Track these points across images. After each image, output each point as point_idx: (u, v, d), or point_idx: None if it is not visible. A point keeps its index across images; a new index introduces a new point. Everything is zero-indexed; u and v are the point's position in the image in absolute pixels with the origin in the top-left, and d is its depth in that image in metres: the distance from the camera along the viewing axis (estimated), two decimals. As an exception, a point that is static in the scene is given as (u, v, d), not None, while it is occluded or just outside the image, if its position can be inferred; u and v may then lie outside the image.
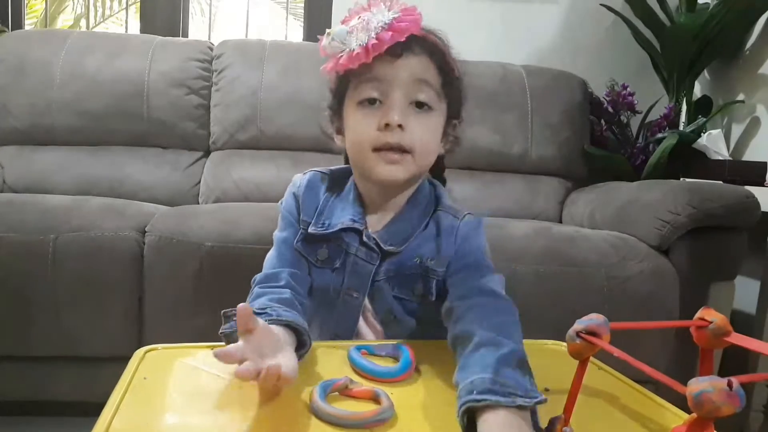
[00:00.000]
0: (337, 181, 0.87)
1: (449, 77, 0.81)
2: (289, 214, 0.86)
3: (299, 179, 0.88)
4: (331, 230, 0.81)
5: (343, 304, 0.83)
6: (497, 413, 0.54)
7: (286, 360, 0.60)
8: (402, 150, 0.77)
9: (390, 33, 0.73)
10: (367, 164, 0.79)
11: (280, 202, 0.89)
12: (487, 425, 0.54)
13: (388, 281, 0.81)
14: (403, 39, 0.74)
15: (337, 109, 0.84)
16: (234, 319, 0.61)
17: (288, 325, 0.68)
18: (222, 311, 0.68)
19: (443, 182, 0.91)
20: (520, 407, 0.55)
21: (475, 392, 0.56)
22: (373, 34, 0.73)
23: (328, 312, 0.84)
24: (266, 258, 0.85)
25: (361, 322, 0.84)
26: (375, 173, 0.79)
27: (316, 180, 0.87)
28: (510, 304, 0.74)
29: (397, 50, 0.74)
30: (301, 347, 0.69)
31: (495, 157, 2.07)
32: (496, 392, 0.55)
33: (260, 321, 0.61)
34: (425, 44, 0.77)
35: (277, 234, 0.86)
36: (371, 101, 0.77)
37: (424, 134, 0.79)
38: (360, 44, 0.73)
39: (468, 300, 0.74)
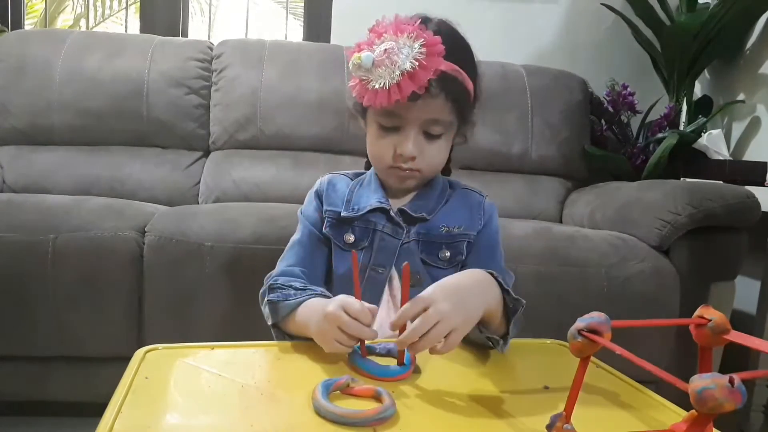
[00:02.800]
0: (356, 177, 0.98)
1: (464, 104, 0.87)
2: (306, 218, 0.94)
3: (320, 181, 0.97)
4: (361, 212, 0.90)
5: (369, 282, 0.88)
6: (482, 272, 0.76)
7: None
8: (413, 170, 0.88)
9: (411, 83, 0.78)
10: (382, 175, 0.93)
11: (299, 210, 0.97)
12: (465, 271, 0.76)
13: (417, 243, 0.89)
14: (422, 91, 0.79)
15: (361, 110, 0.92)
16: (279, 289, 0.82)
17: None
18: (265, 280, 0.86)
19: (448, 172, 1.01)
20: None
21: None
22: (395, 80, 0.78)
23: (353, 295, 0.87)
24: (279, 259, 0.93)
25: (385, 299, 0.88)
26: (389, 183, 0.93)
27: (337, 178, 0.97)
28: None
29: (415, 95, 0.80)
30: None
31: (495, 157, 2.07)
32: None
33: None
34: (444, 84, 0.82)
35: (293, 238, 0.95)
36: (389, 128, 0.86)
37: (435, 158, 0.89)
38: (383, 85, 0.79)
39: None
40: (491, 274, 0.77)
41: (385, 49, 0.79)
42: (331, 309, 0.71)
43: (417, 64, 0.78)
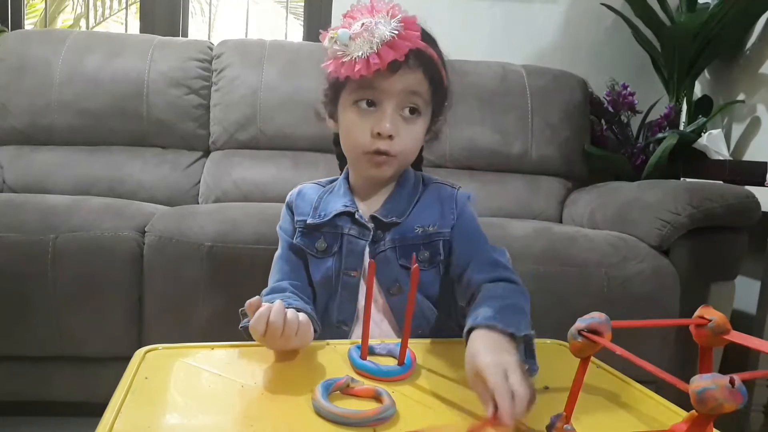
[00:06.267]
0: (327, 185, 0.98)
1: (439, 87, 0.87)
2: (284, 231, 0.95)
3: (290, 194, 0.98)
4: (327, 218, 0.90)
5: (344, 287, 0.88)
6: (489, 332, 0.65)
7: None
8: (389, 154, 0.86)
9: (391, 51, 0.78)
10: (357, 164, 0.91)
11: (277, 226, 0.98)
12: (475, 336, 0.66)
13: (394, 250, 0.88)
14: (402, 58, 0.79)
15: (333, 98, 0.90)
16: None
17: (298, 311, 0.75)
18: (240, 309, 0.78)
19: (420, 165, 1.01)
20: (511, 335, 0.65)
21: (479, 319, 0.68)
22: (375, 48, 0.78)
23: (331, 301, 0.90)
24: (269, 276, 0.93)
25: (361, 303, 0.88)
26: (364, 172, 0.91)
27: (307, 188, 0.98)
28: (511, 272, 0.84)
29: (394, 65, 0.79)
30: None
31: (495, 157, 2.07)
32: (495, 319, 0.67)
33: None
34: (422, 58, 0.82)
35: (276, 254, 0.95)
36: (367, 102, 0.85)
37: (410, 142, 0.87)
38: (362, 55, 0.78)
39: (479, 273, 0.83)
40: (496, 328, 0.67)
41: (363, 23, 0.79)
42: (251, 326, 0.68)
43: (396, 33, 0.78)
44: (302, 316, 0.73)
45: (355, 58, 0.78)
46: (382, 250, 0.88)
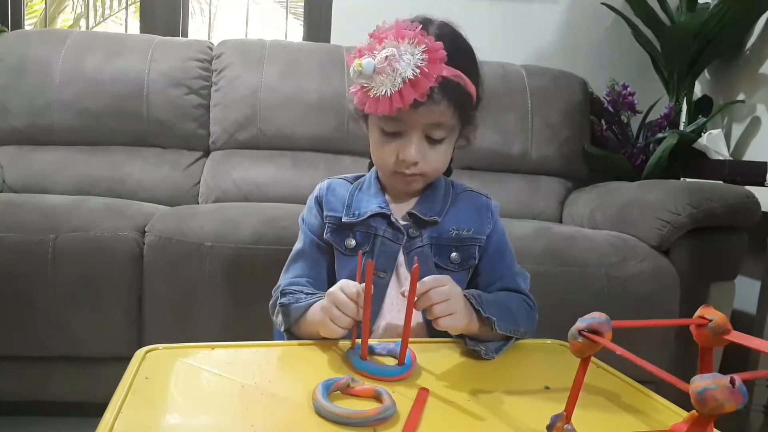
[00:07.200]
0: (356, 181, 0.97)
1: (467, 109, 0.87)
2: (308, 225, 0.95)
3: (319, 187, 0.97)
4: (362, 217, 0.90)
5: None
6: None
7: None
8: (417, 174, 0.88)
9: (413, 90, 0.78)
10: (387, 178, 0.93)
11: (300, 217, 0.97)
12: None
13: (430, 248, 0.89)
14: (424, 99, 0.79)
15: (363, 115, 0.91)
16: (290, 293, 0.85)
17: None
18: (269, 302, 0.89)
19: (449, 172, 1.00)
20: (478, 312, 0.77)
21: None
22: (397, 86, 0.78)
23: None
24: (283, 269, 0.94)
25: (386, 303, 0.89)
26: (394, 187, 0.93)
27: (336, 183, 0.97)
28: (528, 296, 0.92)
29: (417, 102, 0.79)
30: None
31: (495, 157, 2.07)
32: (475, 296, 0.79)
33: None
34: (446, 90, 0.81)
35: (296, 246, 0.95)
36: (391, 134, 0.86)
37: (437, 162, 0.89)
38: (385, 92, 0.78)
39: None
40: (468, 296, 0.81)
41: (386, 56, 0.79)
42: (331, 289, 0.76)
43: (419, 71, 0.77)
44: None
45: (378, 96, 0.79)
46: (419, 246, 0.89)
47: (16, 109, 1.95)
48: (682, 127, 2.22)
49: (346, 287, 0.74)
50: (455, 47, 0.83)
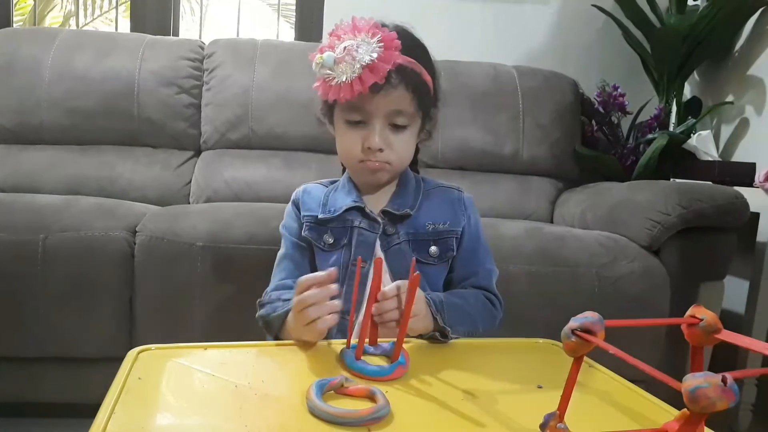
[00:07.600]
0: (329, 185, 1.03)
1: (425, 96, 0.92)
2: (288, 230, 0.99)
3: (295, 192, 1.02)
4: (337, 212, 0.95)
5: (351, 278, 0.92)
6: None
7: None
8: (384, 162, 0.92)
9: (371, 75, 0.83)
10: (354, 171, 0.98)
11: (280, 226, 1.01)
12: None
13: (408, 243, 0.94)
14: (382, 81, 0.84)
15: (327, 111, 0.97)
16: (268, 303, 0.88)
17: None
18: (257, 300, 0.90)
19: (415, 165, 1.05)
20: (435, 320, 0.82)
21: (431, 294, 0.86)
22: (357, 72, 0.83)
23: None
24: (272, 275, 0.98)
25: (368, 292, 0.89)
26: (361, 178, 0.97)
27: (311, 186, 1.03)
28: (495, 294, 0.96)
29: (376, 86, 0.84)
30: None
31: (486, 158, 2.08)
32: (437, 301, 0.85)
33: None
34: (403, 74, 0.87)
35: (279, 253, 0.99)
36: (356, 122, 0.91)
37: (402, 149, 0.93)
38: (346, 80, 0.84)
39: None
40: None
41: (345, 47, 0.84)
42: (293, 299, 0.77)
43: (376, 56, 0.83)
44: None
45: (340, 83, 0.84)
46: (396, 243, 0.93)
47: (5, 108, 1.93)
48: (671, 128, 2.24)
49: (305, 282, 0.76)
50: (410, 41, 0.90)
